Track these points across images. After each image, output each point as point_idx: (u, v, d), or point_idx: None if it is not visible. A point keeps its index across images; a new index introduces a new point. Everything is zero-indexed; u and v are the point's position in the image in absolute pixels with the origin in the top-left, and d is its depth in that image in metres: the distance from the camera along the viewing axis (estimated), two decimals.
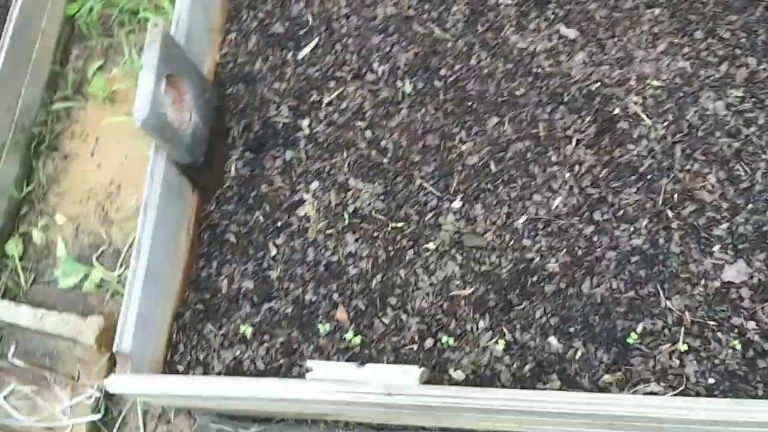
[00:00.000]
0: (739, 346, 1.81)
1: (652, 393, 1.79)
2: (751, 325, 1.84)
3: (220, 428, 2.10)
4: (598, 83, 2.17)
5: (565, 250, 1.99)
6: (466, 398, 1.59)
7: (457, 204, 2.11)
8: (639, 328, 1.87)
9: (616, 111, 2.12)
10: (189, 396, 1.74)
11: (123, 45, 2.74)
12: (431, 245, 2.07)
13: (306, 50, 2.41)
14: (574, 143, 2.12)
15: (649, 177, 2.03)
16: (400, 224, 2.11)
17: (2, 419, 2.26)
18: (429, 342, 1.93)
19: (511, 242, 2.03)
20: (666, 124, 2.08)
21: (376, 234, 2.11)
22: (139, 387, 1.72)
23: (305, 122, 2.31)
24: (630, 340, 1.85)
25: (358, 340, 1.93)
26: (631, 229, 1.99)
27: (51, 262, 2.60)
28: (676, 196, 2.00)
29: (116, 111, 2.74)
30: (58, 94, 2.82)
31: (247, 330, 1.98)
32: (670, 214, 1.98)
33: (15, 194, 2.65)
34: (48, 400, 2.29)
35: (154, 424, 2.24)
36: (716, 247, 1.93)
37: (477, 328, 1.94)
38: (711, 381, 1.80)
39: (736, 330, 1.84)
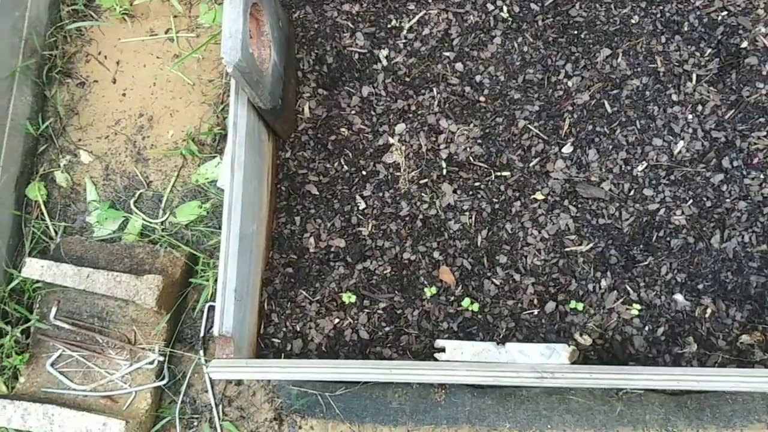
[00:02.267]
0: None
1: None
2: None
3: (302, 390, 1.94)
4: (722, 11, 1.94)
5: (691, 200, 1.83)
6: (630, 378, 1.45)
7: (567, 149, 1.89)
8: None
9: (743, 44, 1.91)
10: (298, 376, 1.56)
11: None
12: (539, 195, 1.87)
13: None
14: (694, 80, 1.90)
15: None
16: (503, 173, 1.89)
17: (53, 388, 2.04)
18: (550, 306, 1.77)
19: (631, 192, 1.85)
20: None
21: (476, 183, 1.89)
22: (246, 372, 1.52)
23: (383, 52, 2.01)
24: None
25: (475, 307, 1.76)
26: (762, 177, 1.82)
27: (80, 208, 2.29)
28: None
29: (136, 28, 2.37)
30: (67, 10, 2.40)
31: (349, 297, 1.77)
32: None
33: (31, 130, 2.30)
34: (104, 366, 2.07)
35: (223, 384, 2.06)
36: None
37: (599, 288, 1.78)
38: None
39: None
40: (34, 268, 2.04)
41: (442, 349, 1.53)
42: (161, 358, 2.04)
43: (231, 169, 1.59)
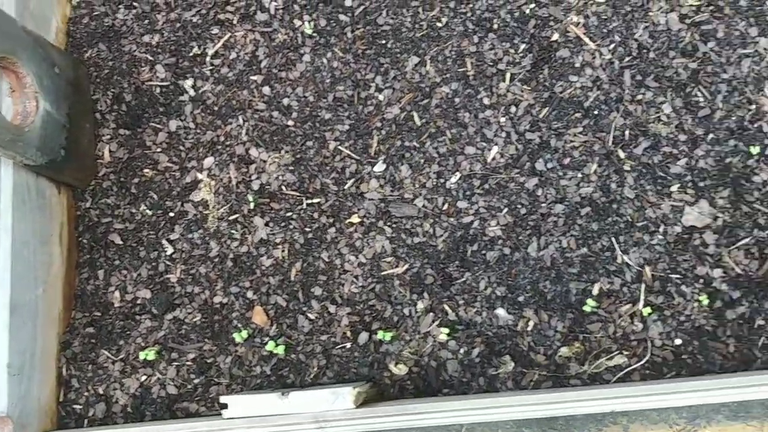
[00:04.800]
0: (705, 299, 1.62)
1: (616, 366, 1.60)
2: (717, 273, 1.63)
3: None
4: (531, 2, 1.83)
5: (506, 209, 1.73)
6: (410, 417, 1.37)
7: (380, 167, 1.80)
8: (595, 290, 1.66)
9: (555, 36, 1.80)
10: None
11: None
12: (355, 218, 1.78)
13: None
14: (508, 79, 1.80)
15: (596, 113, 1.75)
16: (316, 199, 1.80)
17: None
18: (363, 336, 1.68)
19: (445, 206, 1.75)
20: (612, 46, 1.77)
21: (289, 214, 1.80)
22: None
23: (188, 82, 1.92)
24: (587, 308, 1.64)
25: (281, 349, 1.67)
26: (579, 176, 1.73)
27: None
28: (627, 132, 1.73)
29: None
30: None
31: (146, 354, 1.68)
32: (621, 154, 1.72)
33: None
34: None
35: None
36: (675, 187, 1.69)
37: (416, 311, 1.69)
38: (678, 342, 1.61)
39: (701, 280, 1.64)
40: None
41: (226, 406, 1.44)
42: None
43: None
